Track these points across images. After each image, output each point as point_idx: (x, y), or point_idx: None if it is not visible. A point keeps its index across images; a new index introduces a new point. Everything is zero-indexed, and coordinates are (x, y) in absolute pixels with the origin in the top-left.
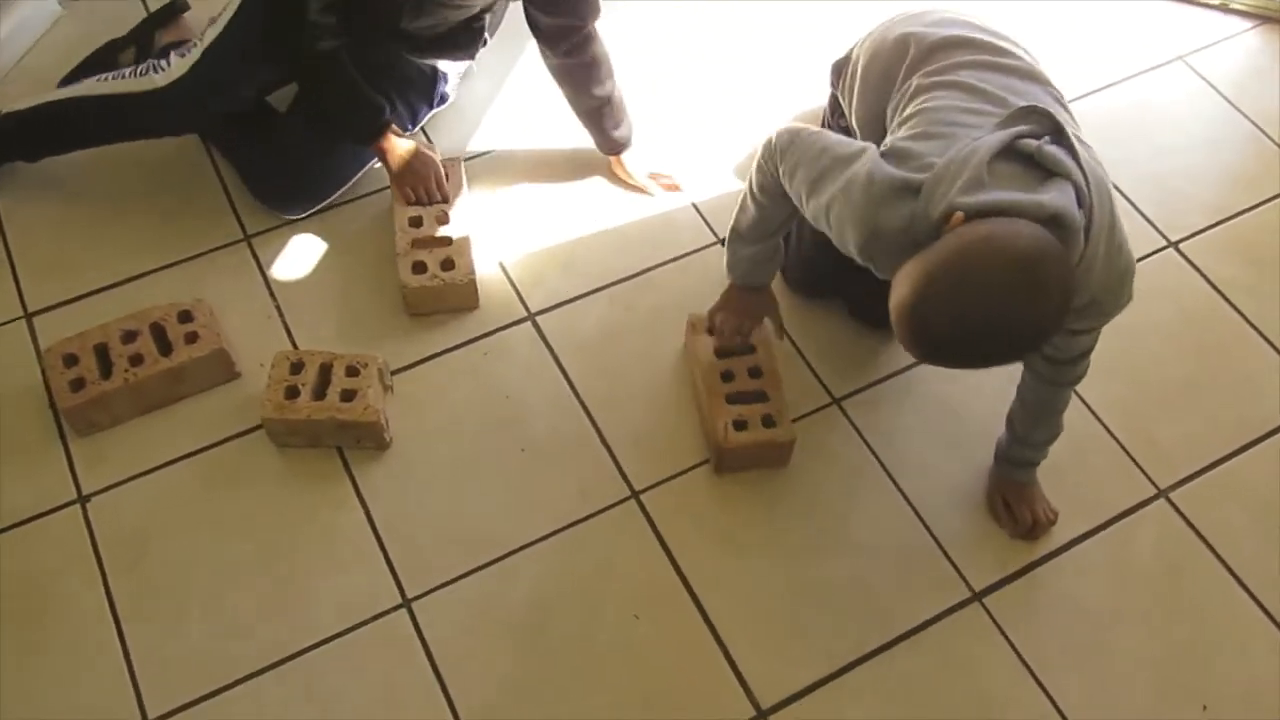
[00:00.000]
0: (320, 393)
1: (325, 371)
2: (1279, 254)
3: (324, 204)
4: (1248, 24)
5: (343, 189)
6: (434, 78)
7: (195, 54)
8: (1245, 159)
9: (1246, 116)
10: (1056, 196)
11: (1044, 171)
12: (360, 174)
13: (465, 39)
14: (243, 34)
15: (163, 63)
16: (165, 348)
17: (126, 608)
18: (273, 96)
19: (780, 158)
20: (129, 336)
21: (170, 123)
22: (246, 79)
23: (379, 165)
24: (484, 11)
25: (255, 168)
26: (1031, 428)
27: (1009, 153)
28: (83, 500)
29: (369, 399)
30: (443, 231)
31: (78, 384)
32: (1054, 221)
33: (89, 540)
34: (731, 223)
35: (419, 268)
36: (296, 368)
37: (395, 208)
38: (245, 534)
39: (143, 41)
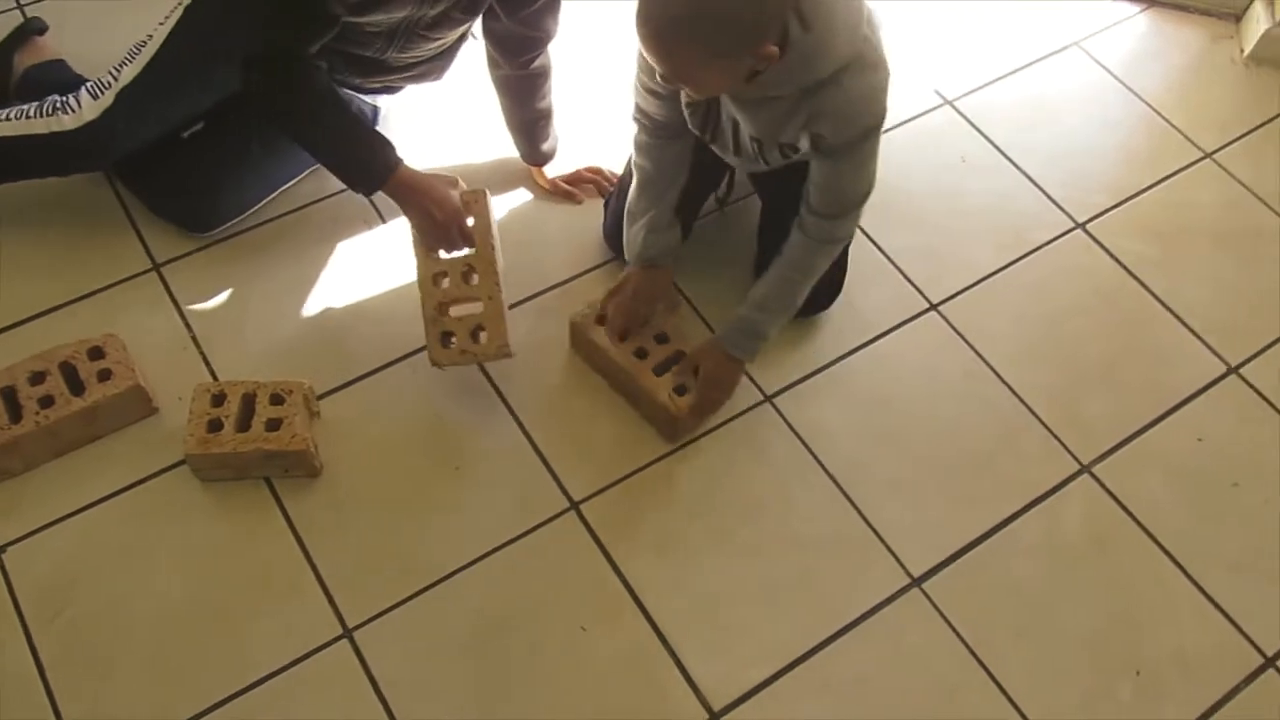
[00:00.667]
0: (244, 424)
1: (248, 401)
2: (1178, 229)
3: (234, 223)
4: (1136, 8)
5: (255, 208)
6: (374, 117)
7: (108, 97)
8: (1141, 139)
9: (1140, 98)
10: None
11: None
12: (274, 195)
13: (440, 64)
14: (166, 75)
15: (71, 102)
16: (77, 387)
17: (53, 662)
18: None
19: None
20: (37, 378)
21: (76, 166)
22: (162, 122)
23: (293, 185)
24: (462, 37)
25: (159, 185)
26: (773, 288)
27: None
28: None
29: (296, 426)
30: (469, 289)
31: None
32: None
33: (7, 593)
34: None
35: (446, 339)
36: (218, 400)
37: (417, 259)
38: (174, 574)
39: (0, 68)
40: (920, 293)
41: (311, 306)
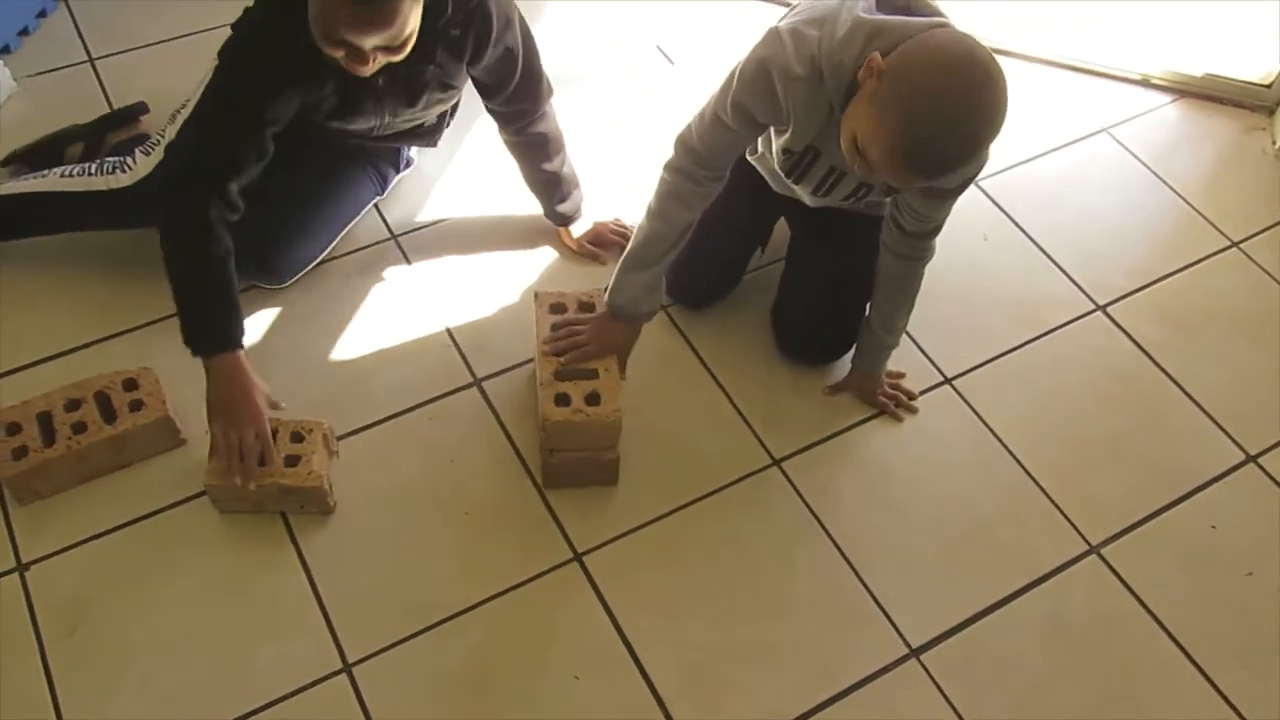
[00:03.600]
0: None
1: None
2: (1201, 315)
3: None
4: (1167, 98)
5: (325, 253)
6: (398, 148)
7: (158, 153)
8: (1167, 225)
9: (1168, 185)
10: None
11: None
12: (340, 237)
13: (428, 134)
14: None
15: (128, 161)
16: (109, 415)
17: (63, 676)
18: None
19: (686, 136)
20: (73, 405)
21: (135, 220)
22: None
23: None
24: (446, 112)
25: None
26: (894, 312)
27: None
28: (21, 569)
29: (313, 464)
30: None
31: (20, 452)
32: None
33: (27, 609)
34: (625, 253)
35: (562, 399)
36: None
37: (536, 329)
38: (185, 600)
39: (92, 140)
40: (935, 366)
41: (339, 351)
